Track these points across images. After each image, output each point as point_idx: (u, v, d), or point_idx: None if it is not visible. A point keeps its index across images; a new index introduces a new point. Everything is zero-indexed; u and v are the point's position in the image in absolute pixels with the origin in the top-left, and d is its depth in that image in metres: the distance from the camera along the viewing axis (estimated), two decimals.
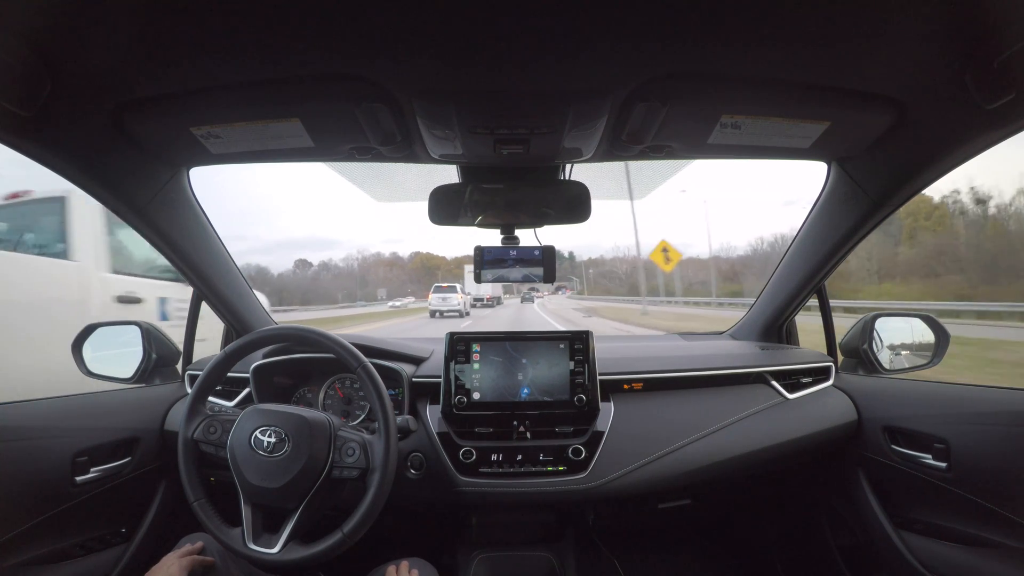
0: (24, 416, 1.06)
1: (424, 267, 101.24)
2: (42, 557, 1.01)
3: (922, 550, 1.08)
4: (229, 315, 1.42)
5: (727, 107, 0.87)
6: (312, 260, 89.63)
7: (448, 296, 19.82)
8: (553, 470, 1.13)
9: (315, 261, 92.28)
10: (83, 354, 1.34)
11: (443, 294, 19.94)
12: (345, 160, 1.09)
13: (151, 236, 1.13)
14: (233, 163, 1.08)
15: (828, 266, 1.28)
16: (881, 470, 1.20)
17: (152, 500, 1.26)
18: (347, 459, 0.91)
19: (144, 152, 0.97)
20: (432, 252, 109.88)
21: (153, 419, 1.26)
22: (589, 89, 0.80)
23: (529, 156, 1.03)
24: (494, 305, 28.98)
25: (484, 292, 26.40)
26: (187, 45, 0.69)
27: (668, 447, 1.17)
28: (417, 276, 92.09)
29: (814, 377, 1.34)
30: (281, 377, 1.30)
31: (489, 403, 1.17)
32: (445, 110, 0.85)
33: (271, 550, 0.86)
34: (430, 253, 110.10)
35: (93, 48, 0.68)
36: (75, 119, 0.81)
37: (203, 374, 0.99)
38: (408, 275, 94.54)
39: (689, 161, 1.18)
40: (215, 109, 0.85)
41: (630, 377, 1.27)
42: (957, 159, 0.92)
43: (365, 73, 0.76)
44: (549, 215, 1.16)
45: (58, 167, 0.87)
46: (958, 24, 0.65)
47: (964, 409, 1.04)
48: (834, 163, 1.12)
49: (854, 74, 0.78)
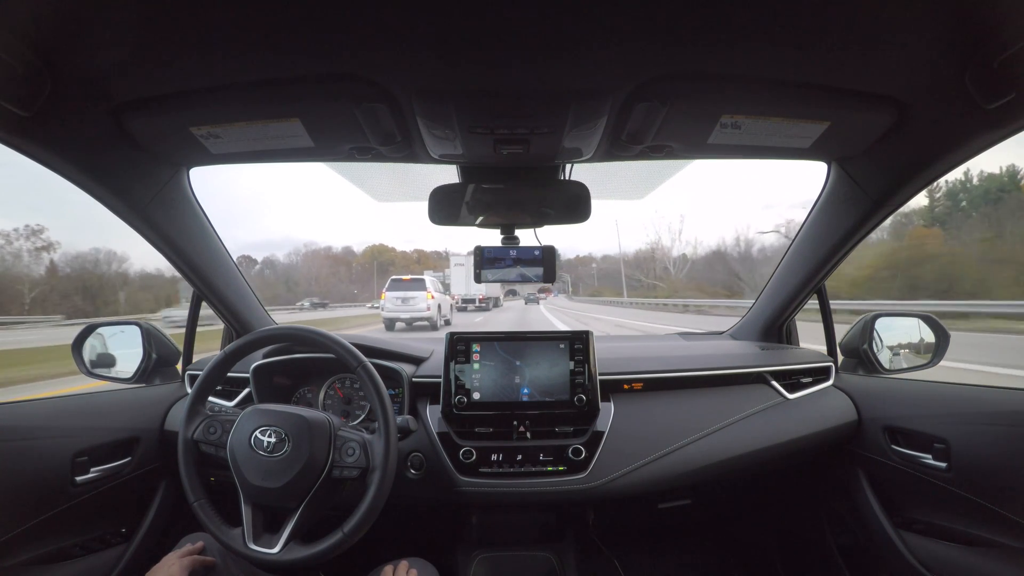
0: (24, 416, 1.05)
1: (375, 262, 76.66)
2: (42, 557, 1.01)
3: (922, 550, 1.08)
4: (229, 315, 1.42)
5: (727, 107, 0.87)
6: (257, 257, 73.03)
7: (411, 296, 12.64)
8: (553, 470, 1.13)
9: (260, 258, 72.31)
10: (83, 354, 1.34)
11: (402, 292, 12.71)
12: (345, 160, 1.09)
13: (151, 236, 1.13)
14: (233, 163, 1.08)
15: (828, 266, 1.28)
16: (881, 470, 1.20)
17: (152, 500, 1.26)
18: (347, 459, 0.91)
19: (144, 152, 0.97)
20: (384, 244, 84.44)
21: (153, 419, 1.26)
22: (589, 89, 0.80)
23: (529, 156, 1.03)
24: (489, 307, 24.15)
25: (475, 292, 21.93)
26: (187, 45, 0.69)
27: (668, 447, 1.17)
28: (364, 276, 71.88)
29: (814, 377, 1.34)
30: (281, 377, 1.30)
31: (489, 403, 1.17)
32: (445, 110, 0.85)
33: (271, 550, 0.86)
34: (382, 245, 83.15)
35: (93, 48, 0.68)
36: (75, 119, 0.81)
37: (203, 374, 0.99)
38: (354, 273, 74.60)
39: (689, 161, 1.18)
40: (215, 109, 0.85)
41: (630, 377, 1.27)
42: (957, 159, 0.92)
43: (365, 73, 0.76)
44: (549, 215, 1.16)
45: (58, 167, 0.87)
46: (958, 24, 0.65)
47: (964, 409, 1.04)
48: (834, 163, 1.12)
49: (854, 74, 0.78)
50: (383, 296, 13.31)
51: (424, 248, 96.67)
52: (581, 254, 73.64)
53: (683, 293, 29.52)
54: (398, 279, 13.39)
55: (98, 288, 36.08)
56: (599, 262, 63.95)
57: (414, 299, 12.63)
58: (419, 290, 12.83)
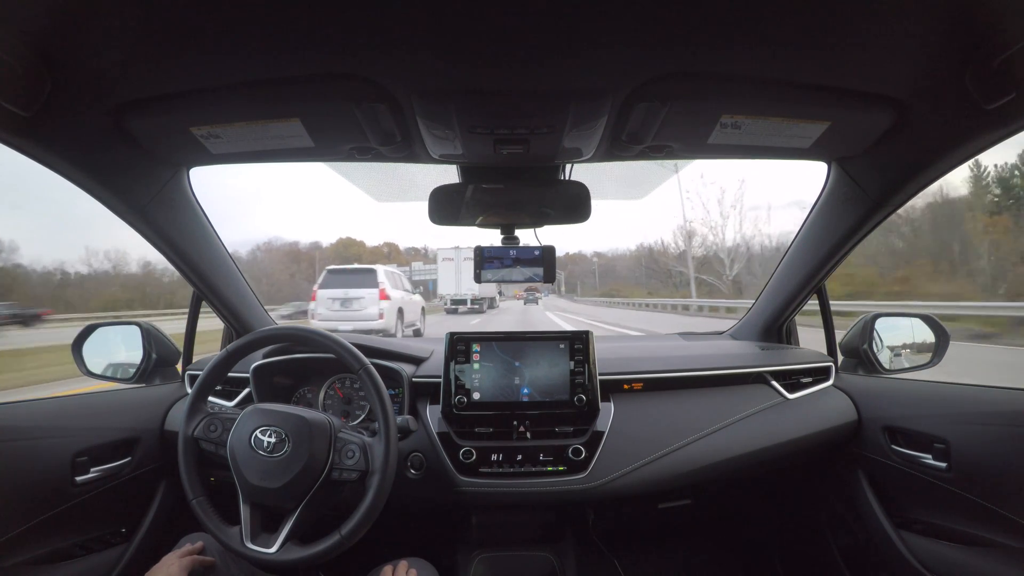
0: (24, 416, 1.05)
1: (340, 258, 62.89)
2: (42, 557, 1.01)
3: (922, 550, 1.08)
4: (229, 315, 1.42)
5: (727, 107, 0.87)
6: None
7: (354, 296, 8.82)
8: (553, 470, 1.13)
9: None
10: (83, 354, 1.34)
11: (341, 292, 8.90)
12: (345, 160, 1.09)
13: (151, 236, 1.13)
14: (233, 163, 1.08)
15: (828, 266, 1.28)
16: (881, 470, 1.20)
17: (152, 500, 1.26)
18: (347, 461, 0.90)
19: (144, 152, 0.97)
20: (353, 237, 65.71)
21: (153, 419, 1.26)
22: (589, 89, 0.81)
23: (529, 156, 1.03)
24: (483, 309, 20.34)
25: (467, 291, 18.82)
26: (187, 45, 0.69)
27: (668, 447, 1.16)
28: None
29: (814, 377, 1.34)
30: (281, 377, 1.30)
31: (489, 403, 1.17)
32: (445, 110, 0.85)
33: (268, 550, 0.86)
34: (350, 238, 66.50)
35: (93, 48, 0.68)
36: (75, 119, 0.81)
37: (203, 374, 0.99)
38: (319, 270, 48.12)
39: (689, 161, 1.18)
40: (215, 109, 0.85)
41: (630, 377, 1.27)
42: (957, 159, 0.92)
43: (365, 73, 0.76)
44: (549, 215, 1.16)
45: (58, 167, 0.87)
46: (958, 24, 0.65)
47: (964, 409, 1.04)
48: (834, 163, 1.12)
49: (854, 74, 0.78)
50: (314, 296, 9.17)
51: (398, 243, 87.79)
52: (571, 251, 71.07)
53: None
54: (337, 271, 9.53)
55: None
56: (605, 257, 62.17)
57: (359, 301, 8.74)
58: (367, 287, 8.81)
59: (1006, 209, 21.33)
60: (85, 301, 29.55)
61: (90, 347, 1.35)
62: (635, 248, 51.48)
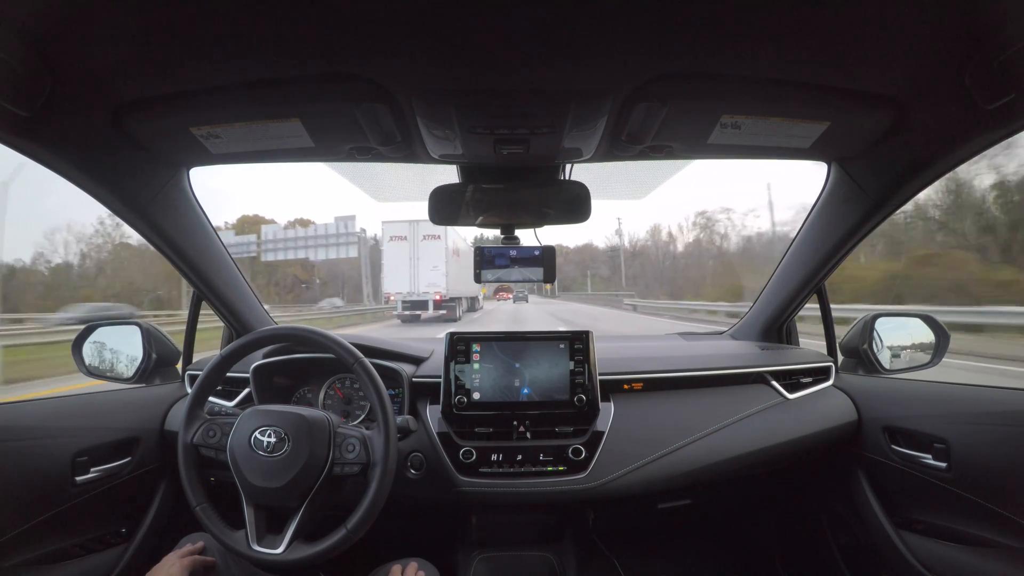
0: (24, 416, 1.05)
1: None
2: (42, 557, 1.01)
3: (922, 550, 1.08)
4: (229, 315, 1.42)
5: (727, 107, 0.87)
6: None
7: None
8: (553, 470, 1.13)
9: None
10: (83, 354, 1.34)
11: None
12: (345, 160, 1.09)
13: (151, 236, 1.13)
14: (233, 163, 1.08)
15: (828, 266, 1.28)
16: (881, 470, 1.20)
17: (152, 500, 1.26)
18: (347, 455, 0.91)
19: (144, 152, 0.97)
20: (261, 215, 47.53)
21: (153, 419, 1.26)
22: (589, 89, 0.81)
23: (529, 156, 1.03)
24: (457, 315, 13.68)
25: (427, 288, 12.73)
26: (187, 45, 0.69)
27: (668, 447, 1.16)
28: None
29: (814, 377, 1.34)
30: (281, 377, 1.30)
31: (489, 403, 1.17)
32: (445, 110, 0.85)
33: (276, 550, 0.86)
34: (257, 216, 45.61)
35: (93, 48, 0.68)
36: (75, 119, 0.81)
37: (202, 375, 0.99)
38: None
39: (689, 161, 1.18)
40: (215, 109, 0.85)
41: (630, 377, 1.27)
42: (957, 159, 0.92)
43: (365, 73, 0.76)
44: (549, 215, 1.16)
45: (58, 167, 0.87)
46: (958, 24, 0.65)
47: (964, 409, 1.04)
48: (834, 163, 1.12)
49: (854, 74, 0.78)
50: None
51: (314, 218, 61.52)
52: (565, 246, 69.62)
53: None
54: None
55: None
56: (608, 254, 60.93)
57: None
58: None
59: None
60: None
61: (90, 347, 1.35)
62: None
